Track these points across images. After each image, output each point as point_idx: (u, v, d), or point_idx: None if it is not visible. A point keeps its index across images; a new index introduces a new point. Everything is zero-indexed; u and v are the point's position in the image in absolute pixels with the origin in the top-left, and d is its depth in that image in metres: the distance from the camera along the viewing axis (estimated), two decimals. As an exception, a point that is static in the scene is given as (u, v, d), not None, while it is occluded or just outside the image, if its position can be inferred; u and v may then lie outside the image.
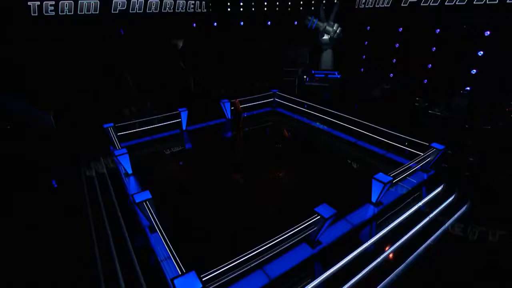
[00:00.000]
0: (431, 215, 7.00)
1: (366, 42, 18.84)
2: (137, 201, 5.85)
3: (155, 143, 10.56)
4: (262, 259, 5.25)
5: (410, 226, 6.64)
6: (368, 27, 18.11)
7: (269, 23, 25.28)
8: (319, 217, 5.53)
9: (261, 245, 5.07)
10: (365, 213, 6.89)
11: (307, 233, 5.60)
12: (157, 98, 14.63)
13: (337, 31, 18.57)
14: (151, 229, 6.19)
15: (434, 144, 8.29)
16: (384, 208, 7.12)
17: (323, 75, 19.24)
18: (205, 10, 20.18)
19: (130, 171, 8.38)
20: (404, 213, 7.00)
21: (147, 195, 6.00)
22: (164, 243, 5.20)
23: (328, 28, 18.79)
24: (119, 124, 10.09)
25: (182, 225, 6.50)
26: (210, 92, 16.43)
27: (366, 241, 6.19)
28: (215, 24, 24.90)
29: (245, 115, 9.23)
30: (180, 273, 4.54)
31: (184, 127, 11.54)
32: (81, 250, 6.00)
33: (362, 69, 19.83)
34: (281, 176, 8.40)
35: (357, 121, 10.66)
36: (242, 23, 25.21)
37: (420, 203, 7.42)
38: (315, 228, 5.65)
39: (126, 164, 8.21)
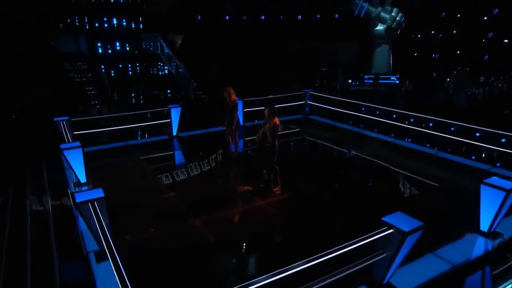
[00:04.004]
0: None
1: (441, 35, 18.38)
2: (78, 200, 4.89)
3: (131, 150, 10.23)
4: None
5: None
6: (444, 13, 17.73)
7: (299, 17, 25.99)
8: (391, 231, 4.22)
9: (276, 276, 3.76)
10: (470, 248, 5.64)
11: (368, 264, 4.28)
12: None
13: (397, 19, 18.21)
14: (99, 255, 5.21)
15: None
16: (505, 243, 5.77)
17: (380, 81, 18.58)
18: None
19: (83, 179, 7.64)
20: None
21: (97, 193, 5.08)
22: (116, 272, 4.04)
23: (383, 14, 18.45)
24: (78, 119, 9.72)
25: (148, 256, 5.59)
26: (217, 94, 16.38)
27: (478, 297, 4.83)
28: (227, 18, 25.97)
29: (252, 124, 8.36)
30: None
31: (174, 132, 11.10)
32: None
33: (434, 74, 19.11)
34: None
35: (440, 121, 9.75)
36: (263, 17, 26.12)
37: None
38: (384, 255, 4.33)
39: (77, 166, 7.50)
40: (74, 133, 9.41)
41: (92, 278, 4.95)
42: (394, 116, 11.71)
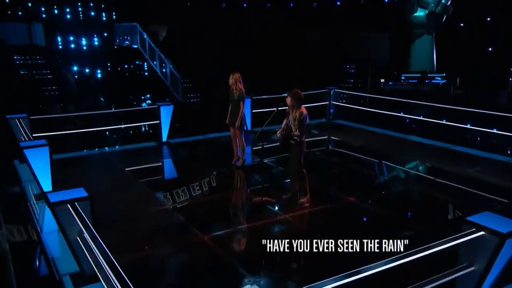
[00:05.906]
0: None
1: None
2: (52, 200, 4.83)
3: (111, 158, 10.54)
4: None
5: None
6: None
7: (314, 5, 26.53)
8: (482, 233, 4.04)
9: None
10: None
11: (447, 280, 4.13)
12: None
13: (442, 1, 18.53)
14: (77, 278, 5.15)
15: None
16: None
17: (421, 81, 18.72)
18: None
19: (48, 188, 7.48)
20: None
21: (78, 193, 5.06)
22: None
23: (425, -4, 18.97)
24: (38, 117, 9.86)
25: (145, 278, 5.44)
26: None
27: None
28: (224, 5, 26.45)
29: (261, 130, 8.53)
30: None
31: (164, 137, 11.27)
32: None
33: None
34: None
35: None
36: (269, 5, 26.65)
37: None
38: (471, 269, 4.17)
39: (41, 171, 7.43)
40: (34, 135, 9.32)
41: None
42: (444, 120, 11.90)
